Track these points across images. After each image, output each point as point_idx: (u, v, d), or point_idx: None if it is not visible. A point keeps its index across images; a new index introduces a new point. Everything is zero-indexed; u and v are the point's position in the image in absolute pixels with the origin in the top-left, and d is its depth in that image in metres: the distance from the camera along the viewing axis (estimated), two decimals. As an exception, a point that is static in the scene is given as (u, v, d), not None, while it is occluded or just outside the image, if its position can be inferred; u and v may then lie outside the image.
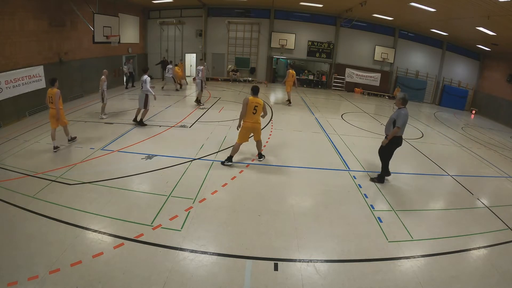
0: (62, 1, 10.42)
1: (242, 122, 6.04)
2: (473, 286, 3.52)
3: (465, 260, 4.01)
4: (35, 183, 5.09)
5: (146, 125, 8.67)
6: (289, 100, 13.13)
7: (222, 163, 6.26)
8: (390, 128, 5.63)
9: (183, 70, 17.26)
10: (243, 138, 6.18)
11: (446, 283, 3.50)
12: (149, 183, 5.41)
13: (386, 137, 5.68)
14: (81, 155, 6.37)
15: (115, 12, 13.35)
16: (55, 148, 6.50)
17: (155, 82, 16.51)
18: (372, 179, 6.10)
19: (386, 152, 5.84)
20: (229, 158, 6.24)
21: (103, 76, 8.91)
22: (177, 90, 14.73)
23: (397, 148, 5.85)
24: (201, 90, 11.42)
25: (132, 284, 3.15)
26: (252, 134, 6.30)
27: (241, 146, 6.25)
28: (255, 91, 6.03)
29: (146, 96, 8.41)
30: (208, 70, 16.93)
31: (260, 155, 6.65)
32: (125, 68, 15.14)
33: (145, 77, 8.35)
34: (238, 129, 6.15)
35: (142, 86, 8.43)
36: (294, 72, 13.03)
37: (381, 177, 6.04)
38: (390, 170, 6.06)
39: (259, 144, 6.53)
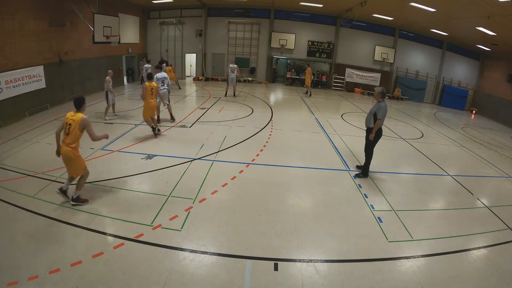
0: (62, 1, 10.41)
1: (146, 102, 7.41)
2: (473, 286, 3.52)
3: (465, 260, 4.01)
4: (35, 183, 5.10)
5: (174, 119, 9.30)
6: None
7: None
8: (370, 120, 5.83)
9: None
10: (150, 114, 7.58)
11: (446, 283, 3.50)
12: (149, 183, 5.40)
13: (370, 131, 5.86)
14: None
15: (115, 12, 13.33)
16: None
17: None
18: (358, 175, 6.22)
19: (372, 145, 6.00)
20: (154, 129, 7.66)
21: (108, 77, 8.89)
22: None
23: (397, 148, 5.86)
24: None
25: (132, 284, 3.15)
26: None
27: (241, 145, 6.37)
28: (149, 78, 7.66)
29: (169, 92, 8.95)
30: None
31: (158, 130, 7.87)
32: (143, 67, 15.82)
33: (166, 74, 8.94)
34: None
35: (165, 83, 8.69)
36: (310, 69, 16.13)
37: (365, 171, 6.19)
38: (390, 169, 6.06)
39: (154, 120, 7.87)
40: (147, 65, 13.39)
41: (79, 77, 11.95)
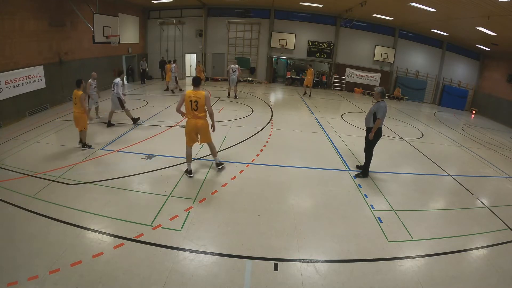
0: (62, 1, 10.42)
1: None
2: (473, 286, 3.52)
3: (465, 260, 4.01)
4: (35, 183, 5.09)
5: (114, 124, 8.57)
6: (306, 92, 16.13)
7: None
8: (370, 120, 5.84)
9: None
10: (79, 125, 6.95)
11: (446, 283, 3.49)
12: (149, 183, 5.40)
13: (370, 131, 5.86)
14: (81, 155, 6.38)
15: (115, 12, 13.34)
16: None
17: (155, 82, 16.53)
18: (358, 175, 6.21)
19: (371, 145, 5.99)
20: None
21: (90, 80, 8.52)
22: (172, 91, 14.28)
23: (397, 148, 5.86)
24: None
25: (132, 284, 3.15)
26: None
27: (241, 145, 6.62)
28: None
29: (119, 98, 8.36)
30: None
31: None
32: (142, 65, 16.55)
33: (118, 80, 8.34)
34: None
35: (114, 88, 8.30)
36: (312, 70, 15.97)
37: (365, 171, 6.18)
38: (390, 169, 6.06)
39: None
40: (173, 65, 13.74)
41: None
